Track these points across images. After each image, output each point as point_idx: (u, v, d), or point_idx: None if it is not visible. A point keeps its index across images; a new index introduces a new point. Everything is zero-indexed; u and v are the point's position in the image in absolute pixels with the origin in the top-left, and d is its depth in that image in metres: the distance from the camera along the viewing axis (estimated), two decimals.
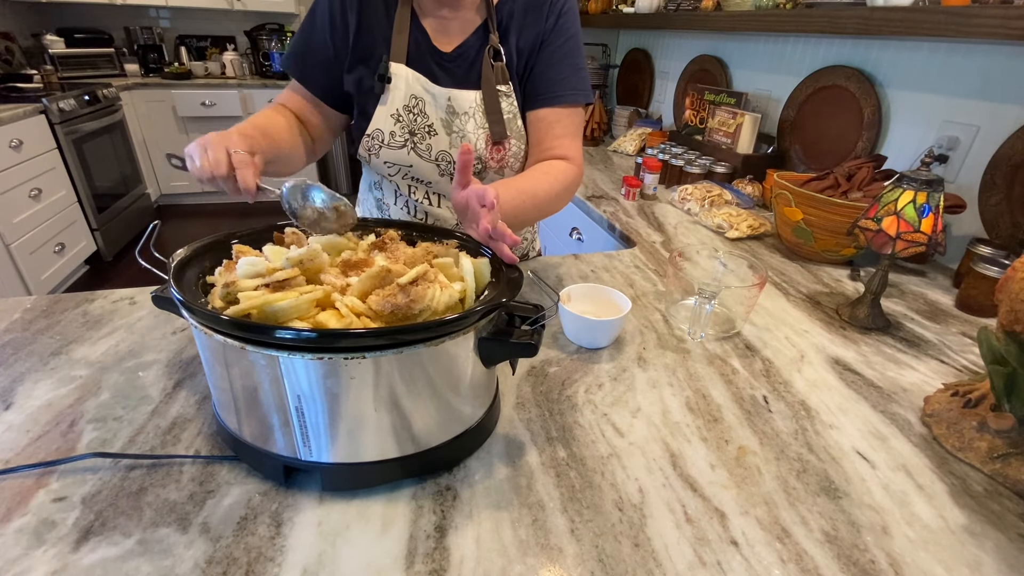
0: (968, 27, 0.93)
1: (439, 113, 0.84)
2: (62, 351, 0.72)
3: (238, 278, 0.50)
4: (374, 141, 0.85)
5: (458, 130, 0.85)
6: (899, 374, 0.76)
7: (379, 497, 0.52)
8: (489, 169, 0.88)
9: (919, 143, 1.24)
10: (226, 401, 0.52)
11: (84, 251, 2.94)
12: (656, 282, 1.01)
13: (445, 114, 0.84)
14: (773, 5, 1.46)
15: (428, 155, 0.86)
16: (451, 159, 0.86)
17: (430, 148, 0.85)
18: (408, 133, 0.84)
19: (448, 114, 0.84)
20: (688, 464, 0.58)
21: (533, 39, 0.84)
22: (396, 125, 0.84)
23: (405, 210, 0.95)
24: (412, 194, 0.91)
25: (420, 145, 0.85)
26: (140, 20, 3.99)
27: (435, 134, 0.85)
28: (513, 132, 0.86)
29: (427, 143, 0.85)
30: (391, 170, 0.89)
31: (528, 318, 0.53)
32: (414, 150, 0.85)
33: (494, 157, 0.86)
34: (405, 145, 0.85)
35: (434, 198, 0.92)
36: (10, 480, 0.52)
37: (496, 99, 0.84)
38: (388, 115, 0.84)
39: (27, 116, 2.50)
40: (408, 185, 0.90)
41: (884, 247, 0.83)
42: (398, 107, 0.83)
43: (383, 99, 0.83)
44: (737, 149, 1.61)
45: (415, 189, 0.91)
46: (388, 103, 0.83)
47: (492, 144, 0.85)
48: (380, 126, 0.84)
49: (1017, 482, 0.57)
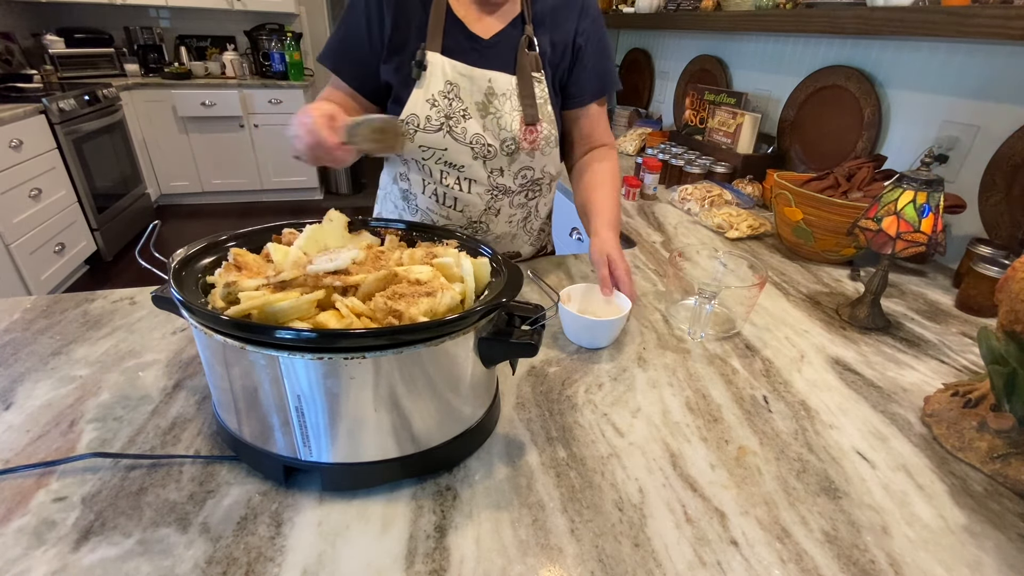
0: (968, 27, 0.93)
1: (475, 97, 0.88)
2: (62, 351, 0.72)
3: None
4: (408, 126, 0.88)
5: (495, 112, 0.89)
6: (899, 374, 0.76)
7: (379, 497, 0.52)
8: (522, 150, 0.93)
9: (919, 143, 1.24)
10: (226, 401, 0.52)
11: (84, 251, 2.94)
12: (656, 282, 1.01)
13: (483, 96, 0.88)
14: (773, 5, 1.46)
15: (463, 138, 0.89)
16: (484, 142, 0.90)
17: (464, 132, 0.88)
18: (444, 117, 0.87)
19: (487, 96, 0.89)
20: (688, 464, 0.58)
21: (565, 36, 0.91)
22: (432, 110, 0.87)
23: (433, 198, 0.97)
24: (443, 180, 0.93)
25: (455, 129, 0.88)
26: (140, 20, 3.98)
27: (469, 118, 0.88)
28: (544, 116, 0.92)
29: (462, 127, 0.88)
30: (425, 154, 0.91)
31: (528, 318, 0.53)
32: (450, 133, 0.88)
33: (527, 139, 0.92)
34: (441, 129, 0.88)
35: (465, 184, 0.94)
36: (10, 480, 0.52)
37: (531, 84, 0.89)
38: (424, 100, 0.86)
39: (27, 116, 2.49)
40: (440, 170, 0.93)
41: (884, 247, 0.83)
42: (434, 93, 0.86)
43: (419, 85, 0.86)
44: (737, 149, 1.61)
45: (447, 174, 0.93)
46: (424, 88, 0.86)
47: (526, 126, 0.91)
48: (415, 111, 0.87)
49: (1017, 482, 0.57)
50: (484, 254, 0.62)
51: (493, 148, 0.90)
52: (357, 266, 0.54)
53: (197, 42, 4.09)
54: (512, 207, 0.98)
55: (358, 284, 0.51)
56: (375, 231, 0.68)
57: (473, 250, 0.63)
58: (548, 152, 0.96)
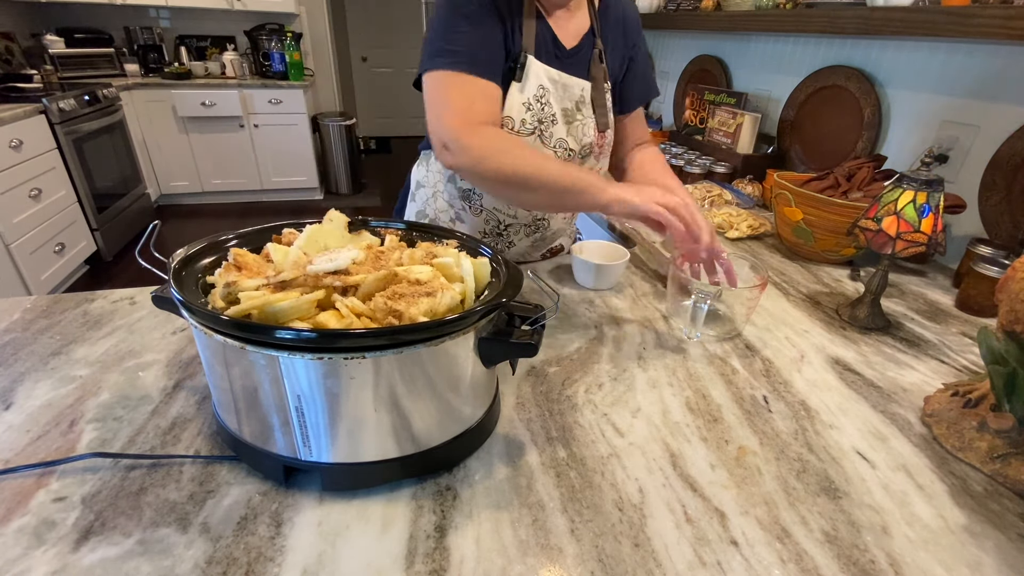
0: (968, 27, 0.93)
1: (564, 103, 0.91)
2: (62, 351, 0.72)
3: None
4: (503, 128, 0.88)
5: (580, 119, 0.93)
6: (899, 374, 0.76)
7: (379, 497, 0.52)
8: (593, 154, 0.98)
9: (919, 143, 1.24)
10: (226, 401, 0.52)
11: (84, 251, 2.94)
12: (656, 282, 1.01)
13: (572, 104, 0.92)
14: (773, 5, 1.46)
15: (550, 142, 0.92)
16: (567, 146, 0.93)
17: (552, 136, 0.91)
18: (537, 121, 0.89)
19: (576, 104, 0.92)
20: (688, 464, 0.58)
21: (624, 50, 0.98)
22: (527, 113, 0.88)
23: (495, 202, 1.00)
24: None
25: (546, 133, 0.91)
26: (140, 20, 3.98)
27: (556, 123, 0.91)
28: (610, 123, 0.99)
29: (551, 131, 0.91)
30: None
31: (528, 318, 0.53)
32: (541, 137, 0.91)
33: (599, 144, 0.97)
34: (534, 132, 0.90)
35: None
36: (10, 480, 0.52)
37: (604, 94, 0.95)
38: (520, 103, 0.87)
39: (27, 116, 2.49)
40: None
41: (884, 247, 0.83)
42: (529, 96, 0.88)
43: (518, 87, 0.87)
44: (737, 149, 1.61)
45: None
46: (523, 91, 0.87)
47: (599, 132, 0.96)
48: (512, 113, 0.87)
49: (1017, 482, 0.57)
50: (484, 254, 0.62)
51: (573, 152, 0.94)
52: (357, 266, 0.54)
53: (197, 42, 4.09)
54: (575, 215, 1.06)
55: (358, 284, 0.51)
56: (375, 231, 0.68)
57: (473, 250, 0.63)
58: (607, 154, 1.03)
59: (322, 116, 4.27)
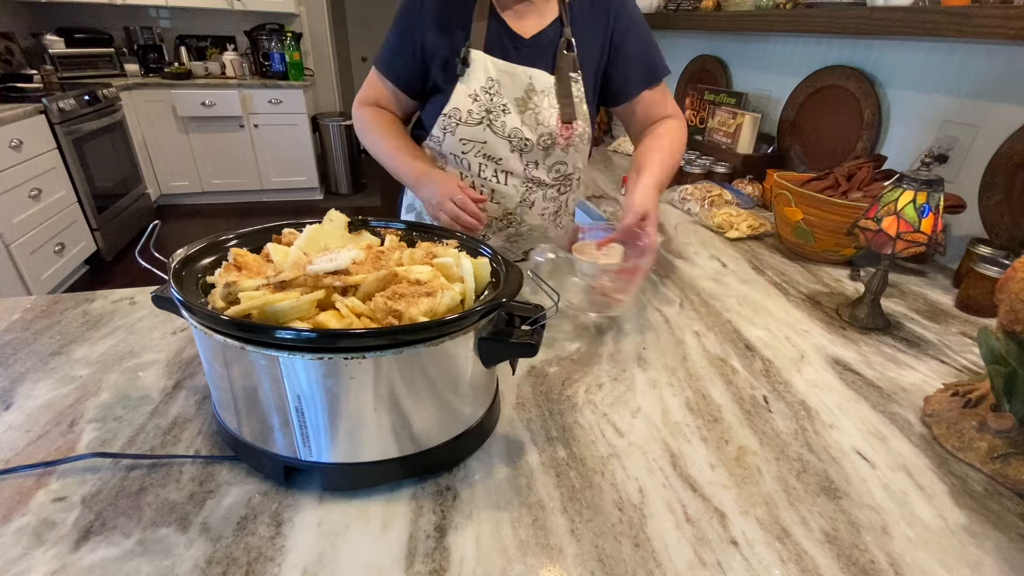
0: (968, 27, 0.93)
1: (515, 93, 0.92)
2: (62, 351, 0.72)
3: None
4: (451, 120, 0.93)
5: (533, 107, 0.93)
6: (899, 374, 0.76)
7: (379, 497, 0.52)
8: (557, 146, 0.97)
9: (919, 143, 1.24)
10: (226, 401, 0.52)
11: (84, 251, 2.94)
12: (656, 282, 1.01)
13: (523, 92, 0.92)
14: (773, 5, 1.46)
15: (502, 132, 0.93)
16: (522, 136, 0.94)
17: (504, 125, 0.93)
18: (485, 111, 0.92)
19: (526, 92, 0.92)
20: (688, 464, 0.58)
21: (601, 39, 0.95)
22: (474, 104, 0.91)
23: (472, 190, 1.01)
24: (482, 172, 0.98)
25: (495, 122, 0.93)
26: (140, 20, 3.98)
27: (508, 113, 0.93)
28: (579, 115, 0.96)
29: (501, 121, 0.93)
30: (465, 147, 0.95)
31: (528, 318, 0.53)
32: (490, 127, 0.93)
33: (563, 135, 0.96)
34: (481, 122, 0.92)
35: (502, 176, 0.98)
36: (10, 480, 0.52)
37: (568, 84, 0.93)
38: (466, 95, 0.91)
39: (27, 116, 2.49)
40: (479, 163, 0.97)
41: (884, 247, 0.83)
42: (476, 88, 0.91)
43: (462, 81, 0.91)
44: (737, 149, 1.61)
45: (485, 167, 0.97)
46: (466, 84, 0.91)
47: (563, 123, 0.95)
48: (458, 105, 0.92)
49: (1017, 482, 0.57)
50: (484, 254, 0.62)
51: (530, 142, 0.94)
52: (357, 266, 0.54)
53: (197, 42, 4.09)
54: (545, 200, 1.03)
55: (358, 284, 0.51)
56: (375, 231, 0.68)
57: (473, 250, 0.62)
58: (581, 149, 1.00)
59: (322, 116, 4.27)
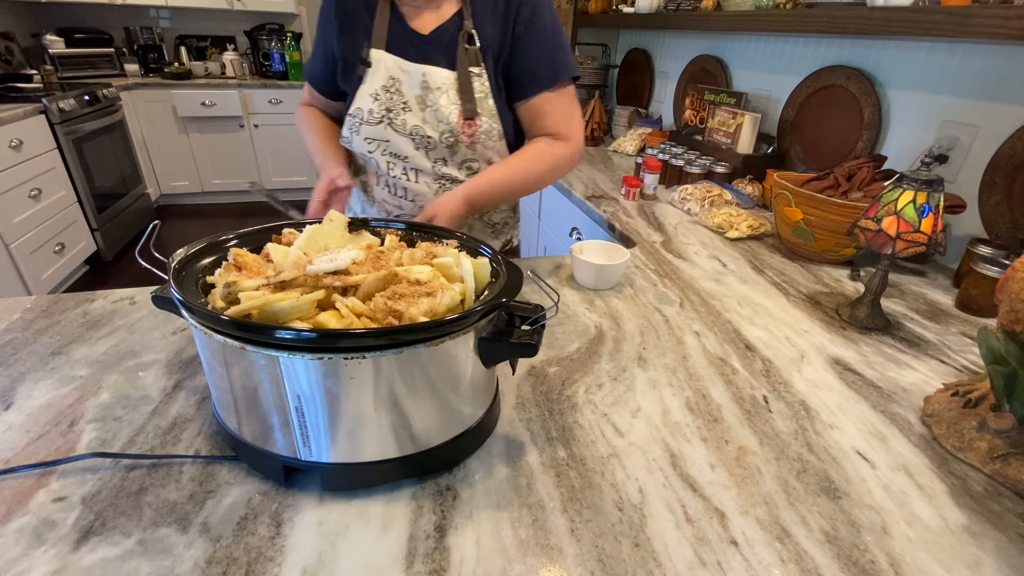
0: (968, 27, 0.93)
1: (414, 91, 0.92)
2: (62, 351, 0.72)
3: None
4: (355, 120, 0.94)
5: (432, 105, 0.91)
6: (899, 374, 0.76)
7: (379, 497, 0.52)
8: (460, 143, 0.94)
9: (919, 143, 1.24)
10: (226, 401, 0.52)
11: (84, 251, 2.94)
12: (656, 282, 1.01)
13: (420, 90, 0.91)
14: (773, 5, 1.46)
15: (403, 129, 0.93)
16: (423, 133, 0.93)
17: (404, 123, 0.93)
18: (385, 110, 0.92)
19: (422, 90, 0.91)
20: (688, 464, 0.58)
21: (504, 30, 0.91)
22: (375, 103, 0.92)
23: (387, 189, 1.02)
24: (391, 171, 0.98)
25: (396, 120, 0.93)
26: (140, 20, 3.98)
27: (409, 110, 0.92)
28: (484, 110, 0.93)
29: (402, 118, 0.92)
30: (370, 146, 0.96)
31: (528, 318, 0.53)
32: (390, 125, 0.93)
33: (465, 132, 0.93)
34: (382, 121, 0.93)
35: (411, 173, 0.98)
36: (10, 480, 0.52)
37: (469, 79, 0.90)
38: (368, 95, 0.93)
39: (27, 116, 2.49)
40: (387, 161, 0.97)
41: (884, 247, 0.83)
42: (377, 87, 0.92)
43: (364, 81, 0.93)
44: (737, 149, 1.61)
45: (393, 165, 0.97)
46: (368, 83, 0.92)
47: (464, 120, 0.92)
48: (360, 105, 0.93)
49: (1017, 482, 0.57)
50: (484, 254, 0.62)
51: (432, 140, 0.93)
52: (357, 266, 0.54)
53: (197, 42, 4.09)
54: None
55: (358, 284, 0.51)
56: (375, 231, 0.68)
57: (473, 250, 0.63)
58: (491, 145, 0.96)
59: None
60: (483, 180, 0.90)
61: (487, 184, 0.90)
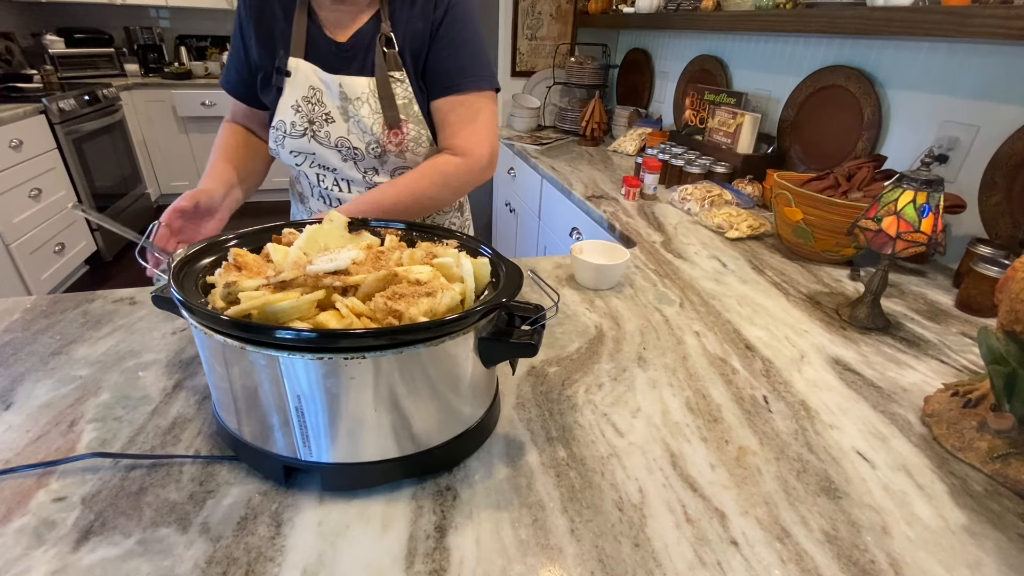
0: (968, 27, 0.93)
1: (335, 101, 0.88)
2: (62, 351, 0.72)
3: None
4: (278, 132, 0.90)
5: (353, 115, 0.88)
6: (899, 374, 0.76)
7: (379, 497, 0.52)
8: (389, 152, 0.90)
9: (919, 143, 1.24)
10: (226, 401, 0.52)
11: (84, 251, 2.94)
12: (656, 282, 1.01)
13: (339, 101, 0.88)
14: (773, 5, 1.46)
15: (327, 142, 0.90)
16: (350, 144, 0.90)
17: (329, 135, 0.89)
18: (307, 122, 0.89)
19: (342, 100, 0.88)
20: (688, 464, 0.58)
21: (422, 28, 0.86)
22: (296, 115, 0.89)
23: (322, 200, 0.99)
24: (321, 182, 0.96)
25: (319, 132, 0.89)
26: (140, 20, 3.99)
27: (333, 121, 0.89)
28: (410, 116, 0.88)
29: (325, 130, 0.89)
30: (297, 159, 0.93)
31: (528, 318, 0.53)
32: (314, 137, 0.90)
33: (392, 141, 0.89)
34: (305, 134, 0.89)
35: (343, 184, 0.96)
36: (10, 480, 0.52)
37: (389, 85, 0.86)
38: (288, 106, 0.88)
39: (27, 116, 2.50)
40: (316, 173, 0.95)
41: (884, 247, 0.83)
42: (297, 98, 0.88)
43: (284, 91, 0.88)
44: (737, 149, 1.61)
45: (323, 177, 0.95)
46: (288, 95, 0.88)
47: (388, 129, 0.88)
48: (282, 117, 0.89)
49: (1017, 482, 0.57)
50: (484, 254, 0.62)
51: (359, 151, 0.89)
52: (357, 266, 0.54)
53: (197, 42, 4.09)
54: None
55: (358, 284, 0.51)
56: (375, 231, 0.68)
57: (473, 250, 0.63)
58: (421, 152, 0.92)
59: None
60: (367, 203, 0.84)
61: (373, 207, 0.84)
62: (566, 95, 2.63)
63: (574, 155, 2.10)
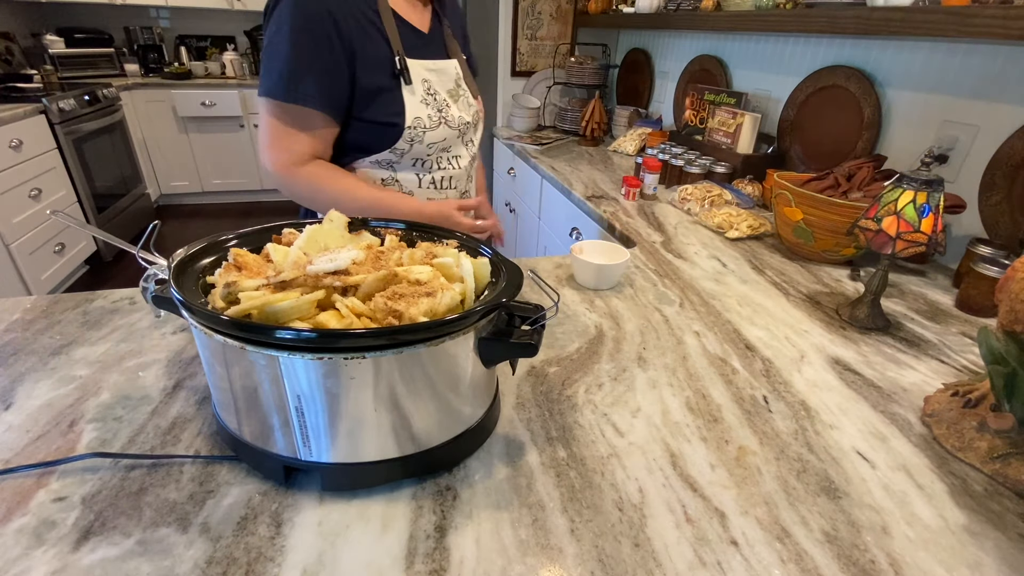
0: (968, 27, 0.93)
1: (447, 85, 0.96)
2: (62, 351, 0.72)
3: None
4: (416, 131, 0.91)
5: (463, 93, 0.98)
6: (899, 374, 0.76)
7: (379, 497, 0.52)
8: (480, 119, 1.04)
9: (919, 143, 1.24)
10: (226, 401, 0.52)
11: (84, 251, 2.94)
12: (656, 282, 1.01)
13: (453, 83, 0.97)
14: (773, 5, 1.46)
15: (453, 124, 0.96)
16: (465, 121, 0.99)
17: (452, 118, 0.96)
18: (437, 111, 0.94)
19: (456, 81, 0.97)
20: (688, 464, 0.58)
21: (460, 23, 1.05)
22: (428, 108, 0.93)
23: (432, 186, 1.01)
24: (440, 165, 1.00)
25: (448, 117, 0.96)
26: (140, 20, 3.99)
27: (448, 106, 0.96)
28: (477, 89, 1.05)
29: (449, 114, 0.95)
30: (431, 149, 0.96)
31: (528, 318, 0.53)
32: (446, 124, 0.95)
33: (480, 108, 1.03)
34: (440, 123, 0.95)
35: (454, 161, 1.02)
36: (10, 480, 0.52)
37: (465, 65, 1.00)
38: (419, 102, 0.92)
39: (27, 116, 2.49)
40: (437, 158, 0.99)
41: (884, 247, 0.83)
42: (422, 92, 0.92)
43: (409, 91, 0.90)
44: (737, 149, 1.61)
45: (441, 159, 1.00)
46: (415, 93, 0.91)
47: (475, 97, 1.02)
48: (417, 114, 0.91)
49: (1017, 482, 0.57)
50: (484, 254, 0.62)
51: (468, 124, 1.00)
52: (357, 266, 0.54)
53: (197, 42, 4.09)
54: (473, 169, 1.10)
55: (358, 284, 0.51)
56: (375, 231, 0.68)
57: (473, 250, 0.62)
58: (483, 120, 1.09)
59: None
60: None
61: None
62: (566, 95, 2.63)
63: (574, 155, 2.10)
